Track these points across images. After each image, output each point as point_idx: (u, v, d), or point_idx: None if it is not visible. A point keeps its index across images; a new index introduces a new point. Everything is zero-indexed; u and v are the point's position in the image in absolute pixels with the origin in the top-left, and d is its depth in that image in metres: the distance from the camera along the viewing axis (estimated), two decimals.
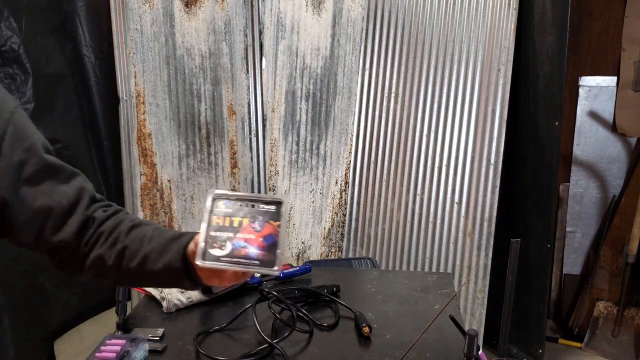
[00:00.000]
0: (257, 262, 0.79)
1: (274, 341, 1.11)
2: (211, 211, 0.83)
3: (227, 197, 0.84)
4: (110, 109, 2.48)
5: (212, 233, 0.81)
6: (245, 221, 0.82)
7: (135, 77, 2.37)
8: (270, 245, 0.80)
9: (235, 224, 0.82)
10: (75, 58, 2.43)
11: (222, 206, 0.83)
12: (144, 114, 2.40)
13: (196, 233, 0.85)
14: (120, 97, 2.38)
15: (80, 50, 2.44)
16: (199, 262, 0.79)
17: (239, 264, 0.80)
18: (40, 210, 0.84)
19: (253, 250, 0.80)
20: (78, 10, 2.40)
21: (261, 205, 0.83)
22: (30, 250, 0.89)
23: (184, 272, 0.86)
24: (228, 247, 0.80)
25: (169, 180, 2.46)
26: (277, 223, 0.81)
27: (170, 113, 2.42)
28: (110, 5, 2.34)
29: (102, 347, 1.08)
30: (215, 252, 0.80)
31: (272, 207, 0.82)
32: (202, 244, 0.80)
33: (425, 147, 2.33)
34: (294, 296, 1.30)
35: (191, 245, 0.84)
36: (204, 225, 0.82)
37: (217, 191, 0.84)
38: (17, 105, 0.85)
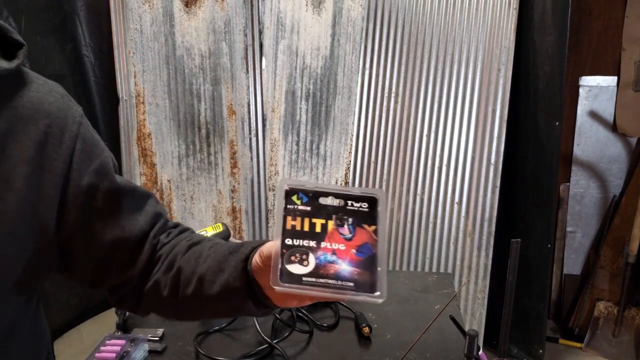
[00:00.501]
0: (351, 284, 0.58)
1: (274, 341, 1.11)
2: (285, 209, 0.62)
3: (303, 190, 0.63)
4: (110, 108, 2.48)
5: (289, 241, 0.60)
6: (331, 225, 0.61)
7: (135, 77, 2.37)
8: (367, 259, 0.59)
9: (318, 229, 0.61)
10: (75, 58, 2.43)
11: (297, 202, 0.62)
12: (143, 113, 2.40)
13: (259, 242, 0.67)
14: (120, 97, 2.38)
15: (80, 50, 2.44)
16: (275, 286, 0.58)
17: (328, 286, 0.58)
18: (109, 245, 0.71)
19: (345, 267, 0.59)
20: (78, 10, 2.40)
21: (349, 203, 0.63)
22: (91, 289, 0.77)
23: (246, 294, 0.66)
24: (311, 263, 0.59)
25: (168, 180, 2.45)
26: (373, 228, 0.61)
27: (170, 113, 2.41)
28: (110, 5, 2.34)
29: (102, 348, 1.07)
30: (295, 268, 0.59)
31: (364, 206, 0.63)
32: (278, 260, 0.59)
33: (426, 147, 2.33)
34: None
35: (255, 258, 0.65)
36: (277, 230, 0.61)
37: (291, 182, 0.63)
38: (82, 114, 0.73)
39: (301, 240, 0.60)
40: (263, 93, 2.43)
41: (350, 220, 0.62)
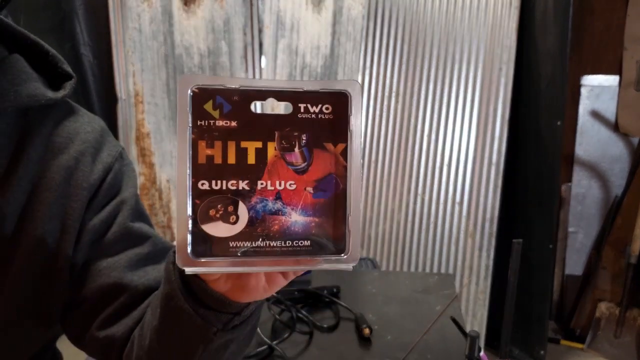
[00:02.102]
0: (307, 243, 0.39)
1: (274, 342, 1.10)
2: (194, 127, 0.38)
3: (222, 92, 0.39)
4: (109, 108, 2.47)
5: (203, 185, 0.39)
6: (272, 149, 0.39)
7: (133, 76, 2.36)
8: (329, 201, 0.40)
9: (251, 159, 0.39)
10: (73, 57, 2.42)
11: (214, 115, 0.39)
12: (142, 113, 2.39)
13: None
14: (119, 96, 2.38)
15: (78, 49, 2.43)
16: (185, 266, 0.39)
17: (272, 253, 0.39)
18: (102, 290, 0.63)
19: (296, 218, 0.39)
20: (76, 9, 2.40)
21: (301, 108, 0.40)
22: (79, 347, 0.67)
23: (181, 300, 0.48)
24: (243, 217, 0.39)
25: (167, 180, 2.44)
26: (341, 147, 0.40)
27: (169, 112, 2.40)
28: (109, 4, 2.33)
29: None
30: (216, 229, 0.39)
31: (327, 110, 0.40)
32: (187, 219, 0.38)
33: (427, 146, 2.32)
34: (293, 297, 1.29)
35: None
36: (185, 169, 0.38)
37: (200, 79, 0.39)
38: (122, 151, 0.69)
39: (225, 181, 0.38)
40: None
41: (304, 137, 0.39)
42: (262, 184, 0.39)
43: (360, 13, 2.34)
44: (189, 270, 0.39)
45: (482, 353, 0.98)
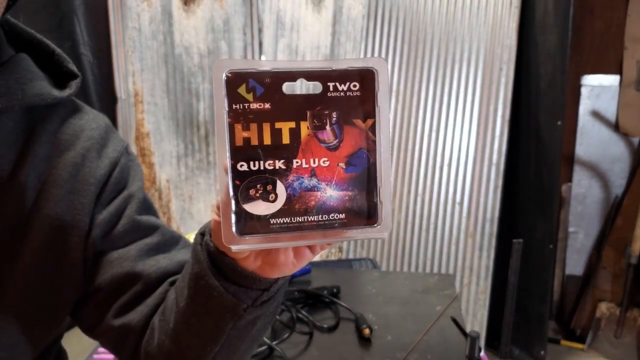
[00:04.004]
0: (342, 216, 0.41)
1: (274, 343, 1.09)
2: (230, 111, 0.39)
3: (255, 75, 0.40)
4: (108, 108, 2.47)
5: (242, 166, 0.40)
6: (305, 128, 0.40)
7: (133, 76, 2.36)
8: (361, 175, 0.41)
9: (285, 139, 0.40)
10: (73, 57, 2.41)
11: (248, 97, 0.40)
12: (142, 113, 2.39)
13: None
14: (119, 96, 2.38)
15: (78, 49, 2.43)
16: (232, 245, 0.41)
17: (310, 227, 0.41)
18: (115, 280, 0.63)
19: (331, 193, 0.41)
20: (76, 9, 2.39)
21: (331, 87, 0.41)
22: (90, 335, 0.68)
23: (211, 278, 0.50)
24: (281, 195, 0.40)
25: (167, 180, 2.44)
26: (370, 122, 0.41)
27: (168, 112, 2.40)
28: (108, 4, 2.33)
29: (100, 349, 1.07)
30: (257, 207, 0.40)
31: (355, 87, 0.41)
32: (230, 200, 0.40)
33: (427, 146, 2.32)
34: (293, 297, 1.29)
35: (213, 223, 0.49)
36: (220, 149, 0.40)
37: (234, 64, 0.40)
38: (128, 147, 0.71)
39: (262, 162, 0.40)
40: None
41: (335, 115, 0.40)
42: (297, 162, 0.40)
43: (360, 13, 2.34)
44: (235, 248, 0.40)
45: (482, 353, 0.98)
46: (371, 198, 0.41)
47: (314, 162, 0.40)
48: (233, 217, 0.40)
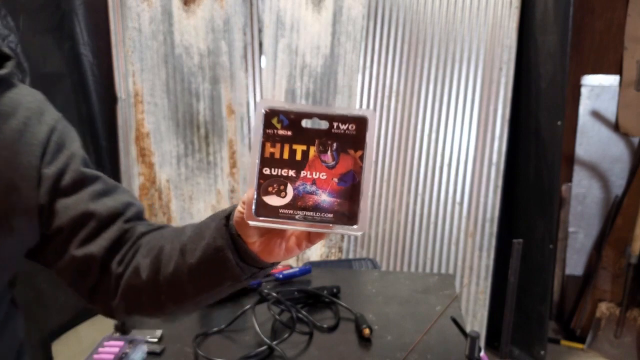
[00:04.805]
0: (330, 215, 0.56)
1: (274, 343, 1.10)
2: (264, 134, 0.57)
3: (284, 112, 0.57)
4: (108, 108, 2.47)
5: (266, 170, 0.57)
6: (313, 151, 0.57)
7: (133, 76, 2.36)
8: (349, 189, 0.56)
9: (298, 156, 0.57)
10: (73, 57, 2.42)
11: (277, 126, 0.57)
12: (142, 113, 2.39)
13: (235, 206, 0.65)
14: (118, 96, 2.38)
15: (78, 49, 2.43)
16: (250, 220, 0.56)
17: (305, 219, 0.56)
18: (74, 219, 0.75)
19: (325, 198, 0.56)
20: (76, 9, 2.39)
21: (335, 125, 0.57)
22: (57, 276, 0.79)
23: (229, 251, 0.64)
24: (289, 194, 0.56)
25: (167, 180, 2.44)
26: (359, 153, 0.57)
27: (168, 112, 2.40)
28: (108, 4, 2.33)
29: (100, 349, 1.07)
30: (272, 200, 0.56)
31: (352, 128, 0.57)
32: (254, 192, 0.56)
33: (427, 146, 2.32)
34: (293, 297, 1.29)
35: (237, 209, 0.62)
36: (253, 158, 0.57)
37: (271, 103, 0.58)
38: (62, 117, 0.82)
39: (280, 170, 0.56)
40: (262, 92, 2.42)
41: (335, 145, 0.57)
42: (304, 173, 0.56)
43: (360, 13, 2.34)
44: (252, 223, 0.56)
45: (482, 353, 0.98)
46: (353, 206, 0.56)
47: (316, 175, 0.57)
48: (254, 203, 0.56)
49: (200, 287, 0.70)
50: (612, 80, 2.62)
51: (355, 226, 0.56)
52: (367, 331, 1.14)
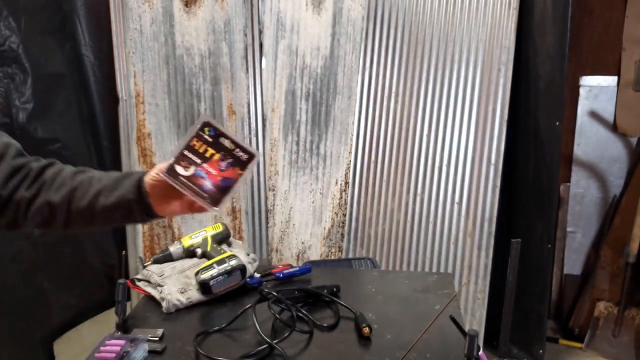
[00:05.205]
0: (206, 196, 0.88)
1: (274, 341, 1.10)
2: (196, 133, 0.90)
3: (214, 128, 0.90)
4: (110, 108, 2.48)
5: (186, 152, 0.89)
6: (217, 157, 0.89)
7: (134, 76, 2.37)
8: (225, 187, 0.89)
9: (207, 155, 0.89)
10: (74, 58, 2.43)
11: (206, 133, 0.90)
12: (143, 113, 2.40)
13: (147, 171, 0.94)
14: (120, 96, 2.38)
15: (79, 49, 2.43)
16: (162, 174, 0.88)
17: (191, 190, 0.88)
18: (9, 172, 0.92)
19: (208, 184, 0.88)
20: (77, 10, 2.40)
21: (237, 150, 0.90)
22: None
23: (137, 203, 0.93)
24: (191, 171, 0.88)
25: None
26: (241, 172, 0.90)
27: (169, 113, 2.41)
28: (110, 5, 2.33)
29: (102, 348, 1.07)
30: (179, 169, 0.88)
31: (245, 157, 0.90)
32: (173, 159, 0.88)
33: (426, 146, 2.33)
34: (293, 296, 1.30)
35: (151, 174, 0.92)
36: (182, 142, 0.90)
37: (209, 119, 0.91)
38: None
39: (194, 156, 0.89)
40: (263, 93, 2.42)
41: (230, 160, 0.89)
42: (205, 165, 0.89)
43: (360, 14, 2.35)
44: (162, 175, 0.88)
45: (481, 352, 0.99)
46: (222, 197, 0.89)
47: (210, 170, 0.89)
48: (169, 166, 0.89)
49: (106, 222, 0.98)
50: (610, 80, 2.63)
51: (216, 208, 0.88)
52: (366, 330, 1.15)
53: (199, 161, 0.88)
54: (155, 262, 1.45)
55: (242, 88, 2.41)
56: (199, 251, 1.45)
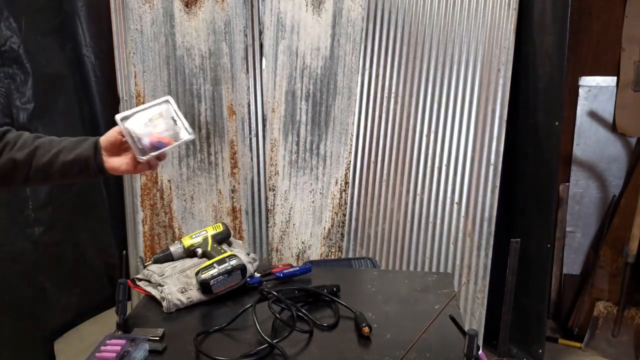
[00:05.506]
0: (141, 147, 1.08)
1: (274, 341, 1.11)
2: (155, 105, 1.14)
3: (171, 105, 1.16)
4: (111, 109, 2.48)
5: (141, 114, 1.12)
6: (162, 126, 1.12)
7: (135, 77, 2.37)
8: (157, 148, 1.09)
9: (156, 121, 1.12)
10: (75, 58, 2.43)
11: (163, 108, 1.15)
12: None
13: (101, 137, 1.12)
14: (121, 97, 2.38)
15: (80, 50, 2.44)
16: (117, 118, 1.09)
17: (133, 140, 1.07)
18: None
19: (146, 140, 1.09)
20: (78, 10, 2.41)
21: (179, 127, 1.14)
22: None
23: (93, 160, 1.09)
24: (138, 127, 1.10)
25: (169, 180, 2.46)
26: (175, 143, 1.13)
27: None
28: (110, 5, 2.34)
29: (102, 347, 1.08)
30: (131, 124, 1.09)
31: (184, 134, 1.14)
32: (130, 114, 1.10)
33: (425, 147, 2.33)
34: (294, 296, 1.30)
35: (108, 133, 1.10)
36: (144, 106, 1.13)
37: (170, 99, 1.16)
38: None
39: (145, 119, 1.11)
40: (263, 93, 2.43)
41: (172, 132, 1.14)
42: (150, 127, 1.12)
43: (359, 15, 2.35)
44: (117, 119, 1.10)
45: (480, 352, 0.99)
46: (149, 151, 1.09)
47: (153, 131, 1.11)
48: (124, 116, 1.10)
49: (63, 177, 1.12)
50: (609, 81, 2.63)
51: (142, 157, 1.07)
52: (366, 329, 1.16)
53: (147, 122, 1.10)
54: (156, 261, 1.45)
55: (243, 88, 2.42)
56: (199, 251, 1.45)
